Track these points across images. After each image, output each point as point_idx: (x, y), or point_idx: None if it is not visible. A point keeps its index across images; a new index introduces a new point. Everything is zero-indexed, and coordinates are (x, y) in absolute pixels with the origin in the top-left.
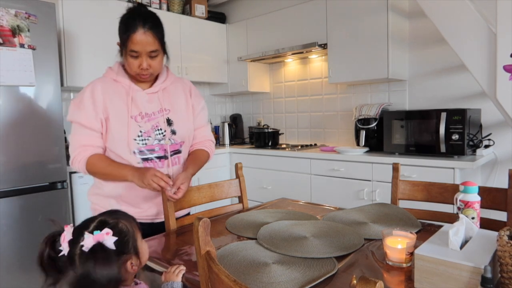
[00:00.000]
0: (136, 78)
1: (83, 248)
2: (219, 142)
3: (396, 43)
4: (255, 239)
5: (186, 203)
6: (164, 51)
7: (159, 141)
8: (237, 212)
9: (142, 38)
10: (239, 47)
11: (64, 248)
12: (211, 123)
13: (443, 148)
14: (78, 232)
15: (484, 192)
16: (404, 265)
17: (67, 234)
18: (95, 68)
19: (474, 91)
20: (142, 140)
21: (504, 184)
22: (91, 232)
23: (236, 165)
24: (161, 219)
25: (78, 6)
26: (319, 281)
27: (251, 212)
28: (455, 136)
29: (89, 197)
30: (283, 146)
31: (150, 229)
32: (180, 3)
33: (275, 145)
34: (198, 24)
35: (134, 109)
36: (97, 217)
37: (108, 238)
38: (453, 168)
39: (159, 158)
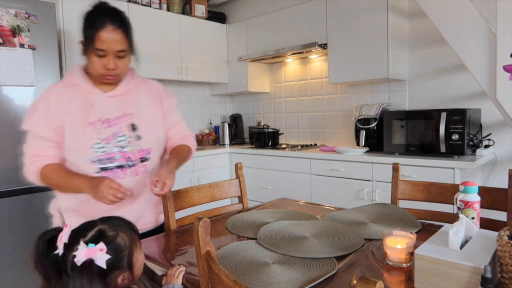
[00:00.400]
0: (99, 80)
1: (75, 259)
2: (219, 142)
3: (396, 43)
4: (255, 239)
5: (186, 203)
6: (132, 52)
7: (122, 148)
8: (237, 212)
9: (111, 35)
10: (239, 47)
11: (59, 248)
12: (210, 123)
13: (443, 148)
14: (75, 238)
15: (484, 192)
16: (404, 265)
17: (64, 235)
18: None
19: (474, 91)
20: (101, 148)
21: (504, 184)
22: (87, 243)
23: (236, 165)
24: None
25: (78, 6)
26: (319, 281)
27: (251, 212)
28: (455, 136)
29: (51, 210)
30: (283, 146)
31: None
32: (180, 3)
33: (275, 145)
34: (198, 24)
35: (93, 115)
36: (97, 223)
37: (100, 255)
38: (453, 168)
39: (120, 167)
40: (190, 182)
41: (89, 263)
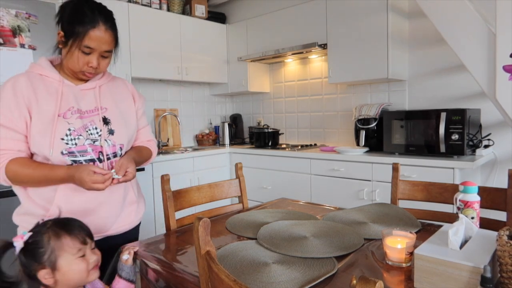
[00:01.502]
0: (72, 75)
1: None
2: (219, 142)
3: (396, 43)
4: (255, 239)
5: (186, 203)
6: (116, 52)
7: (93, 142)
8: (237, 212)
9: (102, 35)
10: (239, 47)
11: None
12: (210, 123)
13: (442, 148)
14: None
15: (483, 192)
16: (404, 265)
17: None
18: None
19: (474, 91)
20: (72, 139)
21: (504, 184)
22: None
23: (236, 165)
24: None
25: None
26: (319, 281)
27: (251, 212)
28: (454, 136)
29: (15, 217)
30: (283, 146)
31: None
32: (180, 3)
33: (275, 145)
34: (198, 24)
35: (63, 105)
36: (50, 220)
37: (19, 242)
38: (453, 168)
39: (92, 161)
40: (190, 182)
41: (10, 245)
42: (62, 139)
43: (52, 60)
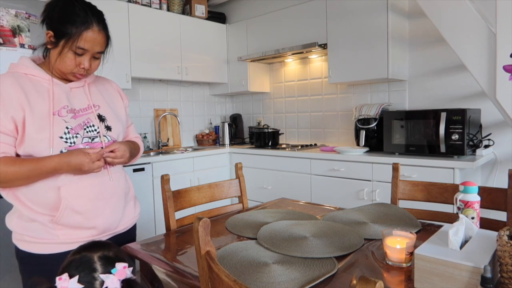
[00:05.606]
0: (63, 77)
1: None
2: (219, 142)
3: (396, 43)
4: (255, 239)
5: (186, 203)
6: (106, 53)
7: (92, 139)
8: (237, 212)
9: (96, 36)
10: (239, 47)
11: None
12: (210, 123)
13: (443, 148)
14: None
15: (484, 192)
16: (404, 265)
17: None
18: None
19: (474, 91)
20: (70, 137)
21: (504, 184)
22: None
23: (236, 165)
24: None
25: None
26: (319, 281)
27: (251, 212)
28: (455, 136)
29: (10, 224)
30: (283, 146)
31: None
32: (180, 3)
33: (275, 145)
34: (198, 24)
35: (56, 104)
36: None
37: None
38: (453, 168)
39: None
40: (190, 182)
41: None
42: (61, 137)
43: (34, 60)
